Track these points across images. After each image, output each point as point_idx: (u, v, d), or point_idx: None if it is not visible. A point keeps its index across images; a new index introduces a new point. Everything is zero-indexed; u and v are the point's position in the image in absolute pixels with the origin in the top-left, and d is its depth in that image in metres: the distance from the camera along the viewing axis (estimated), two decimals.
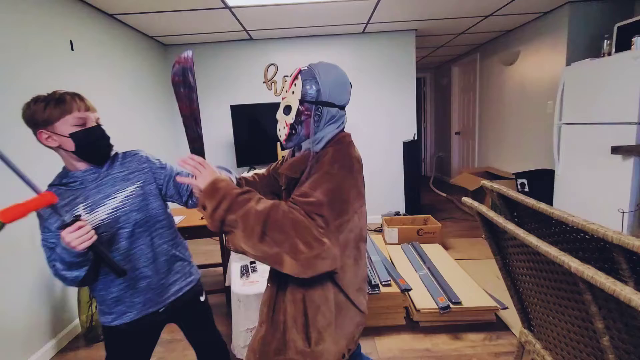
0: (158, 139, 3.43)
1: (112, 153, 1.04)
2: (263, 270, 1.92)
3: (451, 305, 1.93)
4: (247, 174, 3.74)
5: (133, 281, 1.02)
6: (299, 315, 0.91)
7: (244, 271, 1.88)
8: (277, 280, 0.95)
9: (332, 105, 0.92)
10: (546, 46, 3.29)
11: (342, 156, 0.89)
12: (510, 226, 0.89)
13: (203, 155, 0.96)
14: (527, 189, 3.08)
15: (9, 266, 1.72)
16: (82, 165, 0.98)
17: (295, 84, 0.91)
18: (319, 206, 0.81)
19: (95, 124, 0.97)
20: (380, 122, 3.91)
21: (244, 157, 3.61)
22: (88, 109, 0.96)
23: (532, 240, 0.80)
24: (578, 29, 2.97)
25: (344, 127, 0.97)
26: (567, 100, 2.55)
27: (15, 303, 1.75)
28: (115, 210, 0.98)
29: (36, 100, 0.91)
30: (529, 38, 3.55)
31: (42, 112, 0.90)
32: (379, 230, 3.65)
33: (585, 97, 2.37)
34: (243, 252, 0.82)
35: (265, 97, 3.73)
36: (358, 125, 3.89)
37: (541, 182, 3.02)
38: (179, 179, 0.95)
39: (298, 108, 0.90)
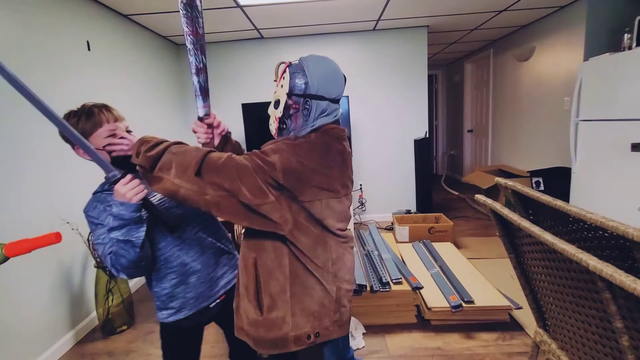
0: (171, 137, 3.47)
1: None
2: None
3: (463, 304, 1.90)
4: None
5: (184, 276, 1.03)
6: (250, 282, 0.91)
7: None
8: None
9: (322, 98, 0.89)
10: (562, 41, 3.20)
11: (322, 142, 0.87)
12: (525, 224, 0.87)
13: (207, 88, 0.98)
14: (542, 187, 3.02)
15: (32, 263, 1.78)
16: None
17: (284, 78, 0.90)
18: (273, 169, 0.80)
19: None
20: (391, 119, 3.88)
21: (250, 146, 3.63)
22: (117, 119, 0.99)
23: (548, 237, 0.78)
24: (596, 22, 2.88)
25: (337, 120, 0.94)
26: (585, 96, 2.48)
27: (37, 297, 1.82)
28: (160, 206, 1.00)
29: (68, 115, 0.95)
30: (544, 33, 3.47)
31: (75, 128, 0.92)
32: (390, 229, 3.63)
33: (603, 92, 2.31)
34: (171, 195, 0.81)
35: None
36: (369, 123, 3.88)
37: (557, 180, 2.95)
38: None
39: (286, 101, 0.89)
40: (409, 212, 3.86)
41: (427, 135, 3.83)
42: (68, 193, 2.05)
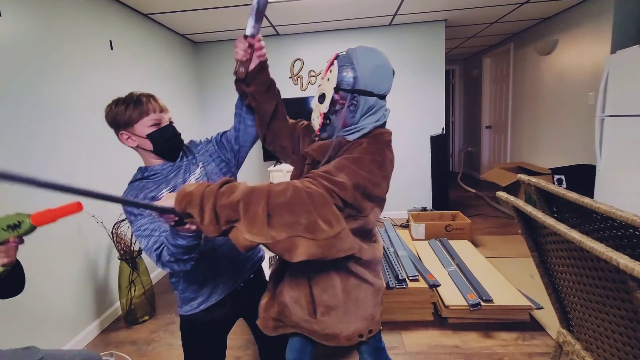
0: (189, 134, 3.55)
1: None
2: None
3: (482, 303, 1.88)
4: (274, 167, 3.75)
5: (214, 261, 1.04)
6: (303, 298, 0.88)
7: (271, 262, 1.93)
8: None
9: (370, 94, 0.84)
10: (588, 33, 3.08)
11: (377, 151, 0.82)
12: (550, 221, 0.85)
13: (263, 12, 0.91)
14: (564, 185, 2.93)
15: (59, 254, 1.86)
16: (158, 161, 1.03)
17: (330, 70, 0.85)
18: (343, 189, 0.73)
19: (168, 123, 1.02)
20: (407, 115, 3.84)
21: (270, 152, 3.67)
22: (162, 109, 1.01)
23: (576, 235, 0.77)
24: (624, 13, 2.76)
25: (385, 122, 0.90)
26: (611, 90, 2.38)
27: (64, 287, 1.90)
28: None
29: (117, 102, 0.96)
30: (568, 25, 3.35)
31: (123, 114, 0.94)
32: (405, 226, 3.60)
33: (632, 86, 2.21)
34: (251, 247, 0.69)
35: (291, 92, 3.77)
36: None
37: (580, 178, 2.86)
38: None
39: (332, 96, 0.84)
40: (424, 209, 3.81)
41: (444, 132, 3.77)
42: (93, 186, 2.12)
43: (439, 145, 3.70)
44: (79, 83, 2.05)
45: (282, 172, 3.36)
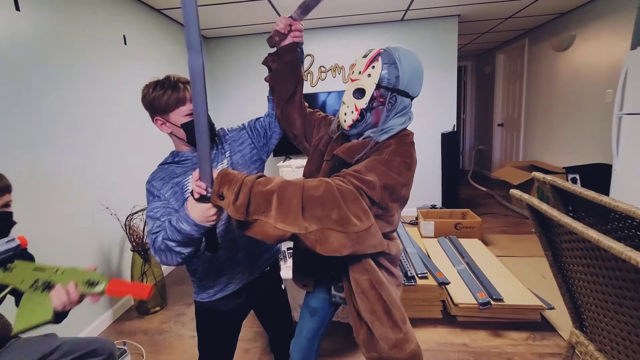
0: None
1: None
2: None
3: (492, 302, 1.86)
4: (283, 163, 3.75)
5: (233, 251, 1.05)
6: (377, 304, 0.86)
7: (282, 256, 1.95)
8: (344, 270, 0.90)
9: (407, 95, 0.85)
10: (607, 28, 3.00)
11: (405, 153, 0.84)
12: (566, 219, 0.84)
13: (310, 7, 0.96)
14: (578, 184, 2.87)
15: (74, 245, 1.91)
16: (189, 148, 1.02)
17: (373, 67, 0.83)
18: (372, 188, 0.76)
19: None
20: (418, 112, 3.75)
21: (280, 147, 3.66)
22: None
23: (593, 234, 0.75)
24: None
25: (409, 124, 0.91)
26: (631, 87, 2.31)
27: None
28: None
29: (155, 85, 0.94)
30: (586, 20, 3.26)
31: (160, 99, 0.92)
32: (414, 223, 3.58)
33: None
34: (282, 238, 0.72)
35: None
36: None
37: (595, 177, 2.80)
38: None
39: (373, 93, 0.84)
40: (434, 207, 3.79)
41: (455, 129, 3.72)
42: (107, 179, 2.17)
43: (450, 142, 3.66)
44: (93, 76, 2.08)
45: (291, 168, 3.36)
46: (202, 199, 0.75)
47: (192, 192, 0.77)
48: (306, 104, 1.12)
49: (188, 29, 0.68)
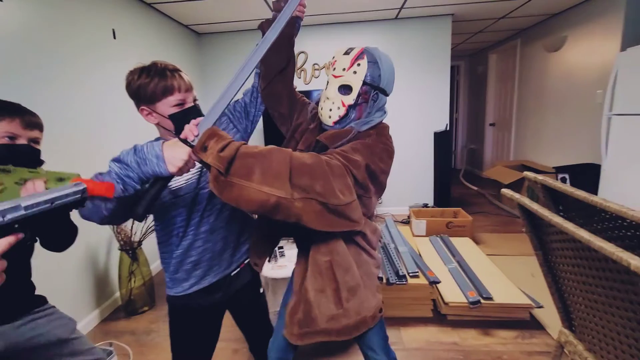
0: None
1: None
2: (291, 255, 1.94)
3: (482, 300, 1.87)
4: None
5: (212, 243, 1.01)
6: (328, 284, 0.88)
7: (273, 255, 1.92)
8: (306, 250, 0.93)
9: (384, 92, 0.91)
10: (597, 30, 3.03)
11: (385, 142, 0.89)
12: (557, 219, 0.83)
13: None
14: (568, 184, 2.90)
15: None
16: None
17: (359, 64, 0.86)
18: (358, 167, 0.80)
19: (192, 104, 0.93)
20: (411, 111, 3.80)
21: (273, 142, 3.65)
22: (187, 88, 0.91)
23: (584, 234, 0.75)
24: (637, 10, 2.70)
25: (385, 117, 0.97)
26: (620, 89, 2.34)
27: (65, 277, 1.90)
28: (199, 170, 0.98)
29: (140, 72, 0.88)
30: (578, 21, 3.29)
31: (146, 88, 0.86)
32: (406, 222, 3.59)
33: None
34: (255, 205, 0.69)
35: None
36: (388, 114, 3.80)
37: (584, 177, 2.83)
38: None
39: (359, 89, 0.87)
40: (426, 205, 3.80)
41: (448, 128, 3.74)
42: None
43: (443, 141, 3.67)
44: (82, 71, 2.02)
45: None
46: (186, 142, 0.73)
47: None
48: (295, 85, 1.10)
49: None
